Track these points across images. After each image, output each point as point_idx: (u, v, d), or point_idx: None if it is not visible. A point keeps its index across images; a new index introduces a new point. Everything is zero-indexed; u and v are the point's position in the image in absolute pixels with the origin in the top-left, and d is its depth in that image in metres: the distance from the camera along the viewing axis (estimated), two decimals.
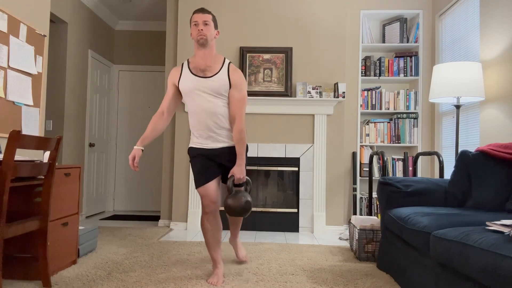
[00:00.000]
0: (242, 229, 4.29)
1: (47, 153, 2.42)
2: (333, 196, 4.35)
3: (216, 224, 2.50)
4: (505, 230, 1.59)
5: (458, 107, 3.30)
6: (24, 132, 3.05)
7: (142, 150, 2.49)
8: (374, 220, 3.17)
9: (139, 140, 2.51)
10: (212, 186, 2.47)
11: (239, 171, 2.42)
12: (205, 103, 2.44)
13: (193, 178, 2.64)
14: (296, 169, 4.37)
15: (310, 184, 4.32)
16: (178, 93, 2.59)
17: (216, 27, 2.48)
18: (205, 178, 2.48)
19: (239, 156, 2.43)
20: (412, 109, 4.52)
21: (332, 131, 4.36)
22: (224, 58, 2.52)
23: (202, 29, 2.38)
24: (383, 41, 4.66)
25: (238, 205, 2.36)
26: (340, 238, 3.97)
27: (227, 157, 2.50)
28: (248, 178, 2.48)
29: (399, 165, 4.49)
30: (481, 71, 3.16)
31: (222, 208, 3.87)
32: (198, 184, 2.49)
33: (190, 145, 2.58)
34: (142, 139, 2.50)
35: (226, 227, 4.21)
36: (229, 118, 2.47)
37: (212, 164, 2.51)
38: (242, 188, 2.47)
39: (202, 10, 2.44)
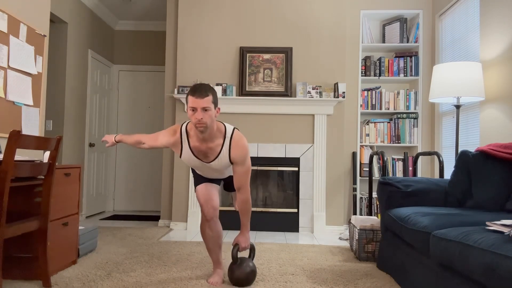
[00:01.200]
0: None
1: (47, 153, 2.42)
2: (333, 196, 4.35)
3: (217, 230, 2.47)
4: (505, 230, 1.59)
5: (458, 107, 3.30)
6: (24, 132, 3.05)
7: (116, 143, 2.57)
8: (374, 220, 3.17)
9: (119, 136, 2.54)
10: (213, 190, 2.46)
11: (244, 241, 2.40)
12: (209, 173, 2.46)
13: (193, 178, 2.63)
14: (296, 169, 4.37)
15: (310, 184, 4.32)
16: (165, 147, 2.50)
17: (216, 104, 2.20)
18: (206, 178, 2.48)
19: (244, 227, 2.41)
20: (412, 109, 4.52)
21: (332, 131, 4.36)
22: (225, 129, 2.29)
23: (201, 118, 2.12)
24: (383, 41, 4.66)
25: (243, 275, 2.35)
26: (340, 238, 3.97)
27: (231, 181, 2.53)
28: (252, 243, 2.48)
29: (399, 165, 4.49)
30: (481, 71, 3.16)
31: (222, 208, 3.87)
32: (198, 182, 2.47)
33: None
34: (121, 139, 2.53)
35: (225, 227, 4.21)
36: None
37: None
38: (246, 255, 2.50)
39: (201, 93, 2.12)
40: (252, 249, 2.50)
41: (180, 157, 2.39)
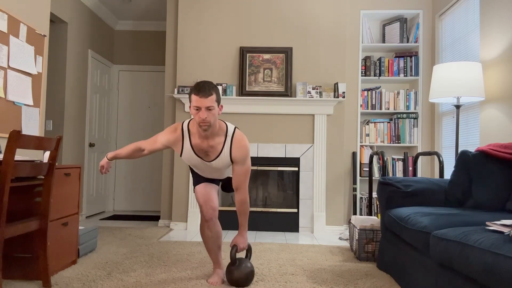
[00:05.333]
0: None
1: (47, 153, 2.41)
2: (333, 196, 4.35)
3: (216, 231, 2.46)
4: (505, 230, 1.59)
5: (458, 107, 3.30)
6: (24, 132, 3.05)
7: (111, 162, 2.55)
8: (374, 220, 3.17)
9: (112, 153, 2.51)
10: (212, 190, 2.46)
11: (242, 241, 2.40)
12: (209, 173, 2.46)
13: (192, 180, 2.63)
14: (296, 169, 4.37)
15: (310, 184, 4.32)
16: (167, 148, 2.48)
17: (219, 102, 2.22)
18: (205, 179, 2.48)
19: (242, 227, 2.41)
20: (412, 109, 4.52)
21: (332, 131, 4.36)
22: (227, 128, 2.31)
23: (206, 117, 2.14)
24: (383, 41, 4.66)
25: (242, 276, 2.35)
26: (340, 238, 3.97)
27: (230, 182, 2.53)
28: (249, 243, 2.49)
29: (399, 165, 4.49)
30: (481, 71, 3.16)
31: (222, 208, 3.87)
32: (197, 183, 2.47)
33: None
34: (115, 155, 2.50)
35: (225, 227, 4.21)
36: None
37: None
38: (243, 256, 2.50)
39: (205, 92, 2.13)
40: (249, 250, 2.50)
41: (181, 155, 2.38)
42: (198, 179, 2.51)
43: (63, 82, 4.65)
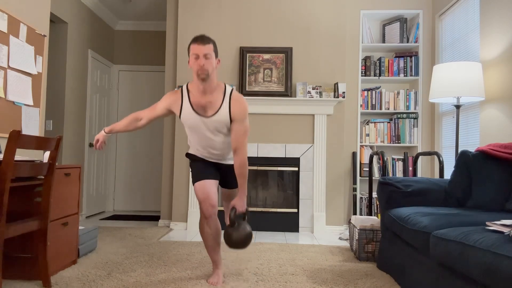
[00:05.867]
0: None
1: (47, 153, 2.41)
2: (333, 196, 4.35)
3: (216, 228, 2.46)
4: (505, 230, 1.59)
5: (458, 107, 3.30)
6: (24, 132, 3.05)
7: (109, 136, 2.55)
8: (374, 220, 3.17)
9: (109, 127, 2.54)
10: (211, 187, 2.43)
11: (240, 204, 2.41)
12: (207, 140, 2.44)
13: (191, 176, 2.63)
14: (296, 169, 4.37)
15: (310, 184, 4.32)
16: (166, 114, 2.52)
17: (216, 55, 2.34)
18: (204, 175, 2.46)
19: (241, 189, 2.41)
20: (412, 109, 4.52)
21: (332, 131, 4.36)
22: (225, 87, 2.40)
23: (203, 64, 2.23)
24: (383, 41, 4.66)
25: (240, 238, 2.35)
26: (340, 238, 3.97)
27: (229, 173, 2.52)
28: (247, 207, 2.48)
29: (399, 165, 4.49)
30: (481, 71, 3.16)
31: (221, 208, 3.87)
32: (196, 179, 2.44)
33: (190, 152, 2.57)
34: (112, 128, 2.52)
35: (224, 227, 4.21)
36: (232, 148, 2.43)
37: (212, 167, 2.52)
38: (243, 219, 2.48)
39: (203, 40, 2.25)
40: (246, 213, 2.48)
41: (180, 116, 2.41)
42: (197, 172, 2.47)
43: (63, 82, 4.65)
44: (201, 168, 2.48)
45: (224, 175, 2.60)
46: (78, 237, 2.91)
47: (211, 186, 2.43)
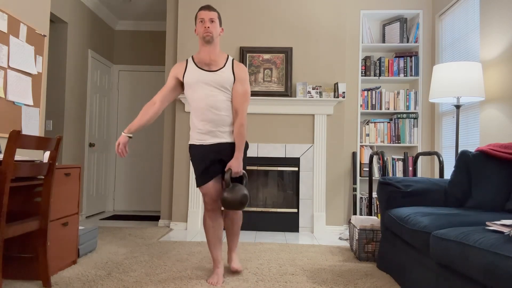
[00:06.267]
0: (242, 229, 4.28)
1: (47, 153, 2.42)
2: (333, 196, 4.35)
3: (217, 222, 2.51)
4: (505, 230, 1.59)
5: (458, 107, 3.30)
6: (24, 132, 3.05)
7: (130, 137, 2.47)
8: (374, 220, 3.17)
9: (127, 127, 2.49)
10: (213, 185, 2.47)
11: (236, 165, 2.41)
12: (208, 97, 2.43)
13: (193, 178, 2.63)
14: (296, 169, 4.37)
15: (310, 184, 4.32)
16: (177, 86, 2.57)
17: (220, 24, 2.53)
18: (205, 178, 2.48)
19: (238, 149, 2.43)
20: (412, 109, 4.52)
21: (332, 131, 4.36)
22: (228, 55, 2.56)
23: (208, 27, 2.42)
24: (383, 41, 4.66)
25: (235, 198, 2.35)
26: (340, 238, 3.97)
27: (228, 153, 2.48)
28: (244, 172, 2.48)
29: (399, 165, 4.49)
30: (481, 71, 3.16)
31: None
32: (198, 184, 2.49)
33: (190, 143, 2.56)
34: (130, 126, 2.47)
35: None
36: (232, 112, 2.47)
37: (212, 163, 2.49)
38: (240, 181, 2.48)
39: (209, 7, 2.47)
40: (244, 176, 2.48)
41: (183, 78, 2.49)
42: (199, 176, 2.47)
43: (63, 82, 4.65)
44: (202, 169, 2.48)
45: (225, 163, 2.54)
46: (78, 237, 2.91)
47: (213, 184, 2.48)
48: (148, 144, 5.98)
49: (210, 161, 2.48)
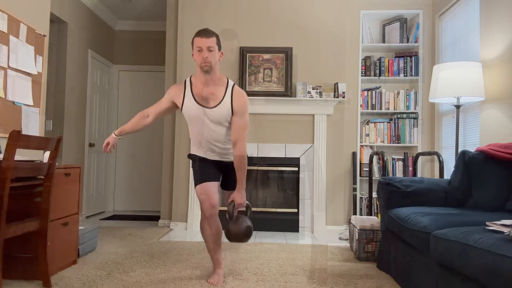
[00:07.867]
0: None
1: (47, 153, 2.41)
2: (333, 196, 4.35)
3: (216, 228, 2.47)
4: (505, 230, 1.59)
5: (458, 107, 3.30)
6: (24, 132, 3.05)
7: (119, 138, 2.56)
8: (374, 220, 3.17)
9: (118, 129, 2.56)
10: (212, 188, 2.43)
11: (239, 197, 2.40)
12: (208, 131, 2.43)
13: (193, 178, 2.62)
14: (296, 169, 4.37)
15: (310, 184, 4.32)
16: (172, 108, 2.57)
17: (220, 48, 2.39)
18: (205, 176, 2.46)
19: (239, 182, 2.41)
20: (412, 109, 4.52)
21: (332, 131, 4.36)
22: (228, 81, 2.45)
23: (207, 57, 2.29)
24: (383, 41, 4.66)
25: (239, 231, 2.34)
26: (340, 238, 3.97)
27: (231, 172, 2.48)
28: (248, 202, 2.48)
29: (399, 165, 4.49)
30: (481, 71, 3.16)
31: (222, 208, 3.86)
32: (197, 181, 2.46)
33: (192, 153, 2.56)
34: (121, 130, 2.55)
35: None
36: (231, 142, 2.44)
37: (214, 168, 2.51)
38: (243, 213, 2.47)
39: (206, 34, 2.31)
40: (247, 207, 2.47)
41: (181, 108, 2.45)
42: (199, 175, 2.48)
43: (63, 82, 4.65)
44: (202, 170, 2.48)
45: (225, 175, 2.58)
46: (78, 237, 2.91)
47: (212, 186, 2.44)
48: (148, 144, 5.98)
49: (212, 165, 2.50)
